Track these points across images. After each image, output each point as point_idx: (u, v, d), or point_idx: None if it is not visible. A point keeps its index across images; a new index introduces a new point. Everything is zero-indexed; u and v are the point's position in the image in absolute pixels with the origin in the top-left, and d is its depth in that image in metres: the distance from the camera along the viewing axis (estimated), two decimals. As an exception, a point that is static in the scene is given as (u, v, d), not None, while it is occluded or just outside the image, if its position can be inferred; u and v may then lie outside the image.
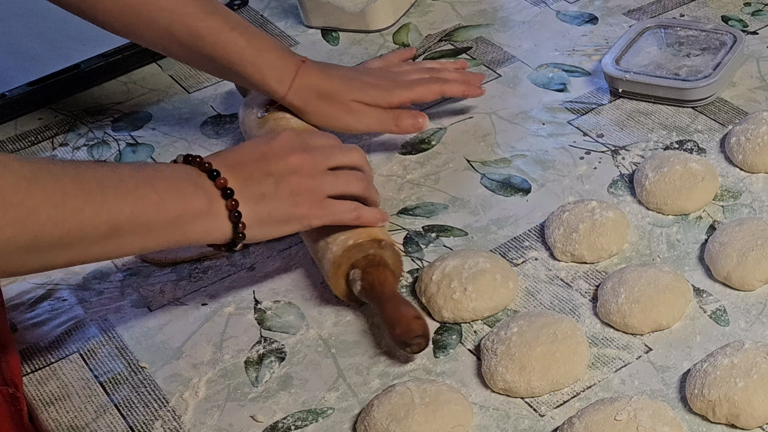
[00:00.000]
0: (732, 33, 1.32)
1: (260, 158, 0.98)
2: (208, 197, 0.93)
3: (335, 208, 1.00)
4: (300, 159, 0.99)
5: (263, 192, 0.96)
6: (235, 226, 0.95)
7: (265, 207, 0.96)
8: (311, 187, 0.99)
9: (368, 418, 0.92)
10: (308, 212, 0.99)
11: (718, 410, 0.90)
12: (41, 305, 1.09)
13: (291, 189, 0.98)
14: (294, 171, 0.99)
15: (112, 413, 0.98)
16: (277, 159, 0.99)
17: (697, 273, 1.06)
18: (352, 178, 1.03)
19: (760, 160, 1.16)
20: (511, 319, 0.99)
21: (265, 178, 0.97)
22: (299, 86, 1.15)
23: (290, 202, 0.98)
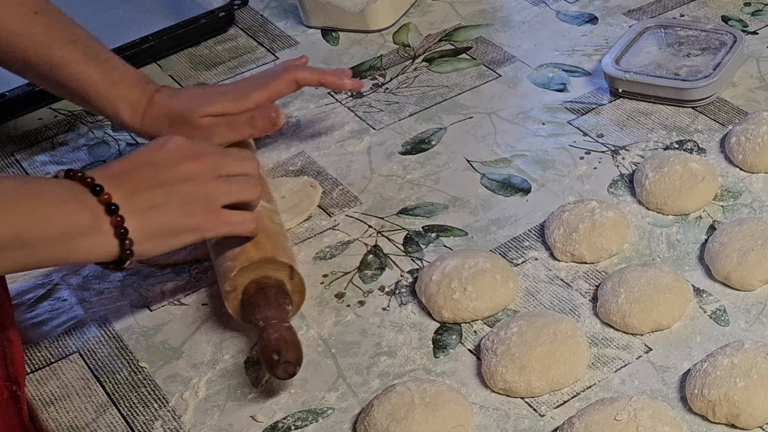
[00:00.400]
0: (732, 33, 1.32)
1: (148, 167, 0.94)
2: (93, 214, 0.89)
3: (230, 218, 0.97)
4: (191, 166, 0.95)
5: (152, 204, 0.92)
6: (121, 243, 0.91)
7: (154, 219, 0.92)
8: (204, 196, 0.95)
9: (368, 418, 0.92)
10: (202, 223, 0.95)
11: (718, 410, 0.90)
12: (41, 305, 1.09)
13: (182, 198, 0.94)
14: (185, 179, 0.94)
15: (112, 413, 0.98)
16: (167, 167, 0.94)
17: (697, 273, 1.06)
18: (246, 185, 0.98)
19: (760, 160, 1.16)
20: (511, 319, 0.99)
21: (153, 189, 0.93)
22: (151, 116, 1.12)
23: (182, 212, 0.94)
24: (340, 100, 1.34)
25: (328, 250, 1.13)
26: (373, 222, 1.16)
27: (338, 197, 1.19)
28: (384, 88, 1.36)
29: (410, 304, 1.06)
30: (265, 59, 1.43)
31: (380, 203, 1.18)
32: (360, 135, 1.28)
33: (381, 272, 1.10)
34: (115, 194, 0.90)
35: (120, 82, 1.12)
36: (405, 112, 1.32)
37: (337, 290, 1.08)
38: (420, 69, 1.39)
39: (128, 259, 0.92)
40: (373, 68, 1.40)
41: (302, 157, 1.26)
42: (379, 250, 1.12)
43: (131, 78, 1.14)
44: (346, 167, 1.24)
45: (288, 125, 1.31)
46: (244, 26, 1.51)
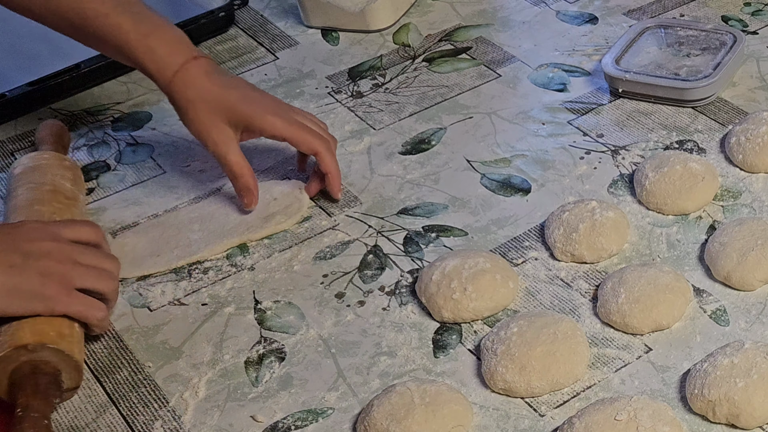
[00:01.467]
0: (732, 33, 1.32)
1: (7, 236, 0.97)
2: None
3: (83, 301, 0.98)
4: (50, 245, 0.98)
5: (12, 263, 0.94)
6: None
7: (13, 278, 0.94)
8: (61, 273, 0.97)
9: (368, 418, 0.92)
10: (56, 296, 0.96)
11: (718, 410, 0.90)
12: None
13: (40, 269, 0.96)
14: (44, 255, 0.97)
15: (112, 413, 0.98)
16: (27, 241, 0.97)
17: (697, 273, 1.06)
18: (104, 276, 1.00)
19: (760, 160, 1.16)
20: (511, 319, 0.99)
21: (13, 252, 0.95)
22: (182, 82, 1.11)
23: (39, 281, 0.95)
24: (340, 101, 1.34)
25: (328, 250, 1.13)
26: (373, 222, 1.16)
27: (338, 197, 1.20)
28: (384, 88, 1.36)
29: (410, 304, 1.06)
30: (265, 59, 1.43)
31: (380, 203, 1.18)
32: (360, 135, 1.28)
33: (381, 272, 1.10)
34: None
35: (151, 35, 1.11)
36: (405, 112, 1.32)
37: (337, 290, 1.08)
38: (420, 69, 1.39)
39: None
40: (373, 68, 1.40)
41: (302, 157, 1.26)
42: (379, 250, 1.12)
43: (166, 33, 1.12)
44: (346, 167, 1.24)
45: (288, 125, 1.31)
46: (244, 26, 1.51)
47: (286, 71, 1.41)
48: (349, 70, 1.40)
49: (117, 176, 1.25)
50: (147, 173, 1.25)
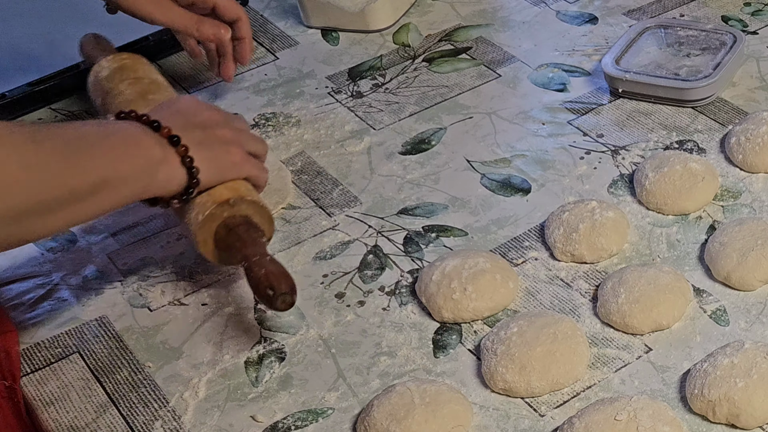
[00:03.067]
0: (732, 33, 1.32)
1: (182, 112, 1.00)
2: (161, 146, 0.95)
3: (258, 165, 1.04)
4: (214, 115, 1.03)
5: (200, 140, 0.98)
6: (189, 171, 0.96)
7: (206, 152, 0.98)
8: (237, 140, 1.03)
9: (368, 418, 0.92)
10: (240, 161, 1.02)
11: (718, 410, 0.90)
12: (41, 305, 1.09)
13: (221, 139, 1.01)
14: (216, 124, 1.02)
15: (112, 413, 0.98)
16: (196, 113, 1.01)
17: (697, 273, 1.06)
18: (258, 139, 1.08)
19: (760, 160, 1.16)
20: (511, 319, 0.99)
21: (196, 129, 0.99)
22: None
23: (224, 150, 1.01)
24: (340, 101, 1.34)
25: (328, 250, 1.13)
26: (373, 222, 1.16)
27: (338, 197, 1.19)
28: (384, 88, 1.36)
29: (410, 304, 1.06)
30: (265, 59, 1.43)
31: (380, 203, 1.18)
32: (360, 135, 1.28)
33: (381, 272, 1.10)
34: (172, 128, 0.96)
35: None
36: (405, 112, 1.32)
37: (337, 290, 1.08)
38: (420, 69, 1.39)
39: (195, 189, 0.97)
40: (373, 68, 1.40)
41: (302, 157, 1.26)
42: (379, 250, 1.12)
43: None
44: (346, 167, 1.24)
45: (288, 125, 1.31)
46: (244, 26, 1.51)
47: (286, 71, 1.41)
48: (349, 70, 1.40)
49: (117, 176, 1.25)
50: (147, 173, 1.25)
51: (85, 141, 0.89)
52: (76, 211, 0.88)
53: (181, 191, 0.97)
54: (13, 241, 0.86)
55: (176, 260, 1.13)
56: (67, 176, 0.85)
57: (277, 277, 0.94)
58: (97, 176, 0.88)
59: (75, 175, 0.86)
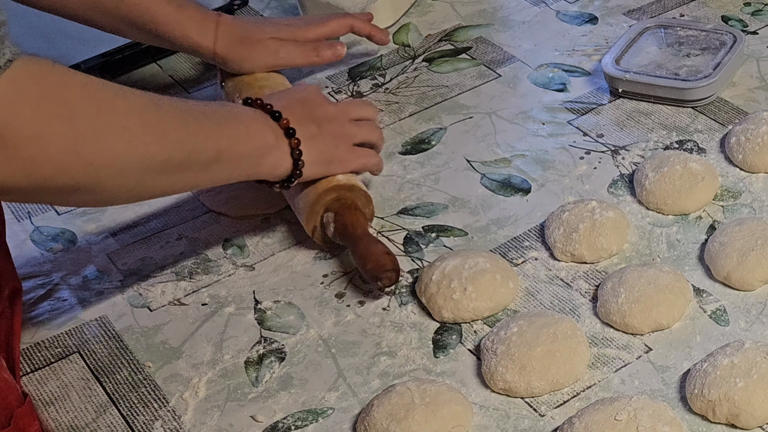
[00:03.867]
0: (732, 33, 1.32)
1: (302, 105, 1.07)
2: (276, 135, 1.02)
3: (365, 154, 1.11)
4: (331, 108, 1.09)
5: (313, 134, 1.05)
6: (295, 163, 1.03)
7: (316, 147, 1.05)
8: (345, 134, 1.09)
9: (368, 418, 0.92)
10: (346, 156, 1.09)
11: (718, 410, 0.90)
12: (41, 305, 1.09)
13: (331, 133, 1.07)
14: (331, 119, 1.08)
15: (112, 413, 0.98)
16: (317, 106, 1.08)
17: (697, 273, 1.06)
18: (372, 128, 1.13)
19: (760, 160, 1.16)
20: (511, 319, 0.99)
21: (311, 122, 1.06)
22: (222, 36, 1.21)
23: (333, 144, 1.07)
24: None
25: (328, 249, 1.13)
26: (374, 222, 1.16)
27: (338, 197, 1.20)
28: (384, 88, 1.36)
29: (410, 304, 1.06)
30: (265, 59, 1.43)
31: (380, 203, 1.18)
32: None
33: (381, 272, 1.10)
34: (290, 120, 1.03)
35: (185, 5, 1.20)
36: (405, 112, 1.32)
37: (337, 290, 1.08)
38: (420, 69, 1.39)
39: (296, 179, 1.04)
40: (373, 68, 1.40)
41: (302, 157, 1.26)
42: (379, 250, 1.12)
43: (193, 2, 1.21)
44: (346, 167, 1.24)
45: (288, 125, 1.31)
46: (244, 26, 1.51)
47: (286, 71, 1.40)
48: (349, 70, 1.40)
49: (117, 176, 1.25)
50: (147, 173, 1.25)
51: (205, 116, 0.95)
52: (192, 177, 0.94)
53: (284, 179, 1.04)
54: (133, 194, 0.92)
55: (176, 260, 1.13)
56: (184, 142, 0.91)
57: (390, 256, 1.03)
58: (214, 148, 0.94)
59: (193, 143, 0.92)
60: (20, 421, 0.91)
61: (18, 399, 0.92)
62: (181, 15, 1.19)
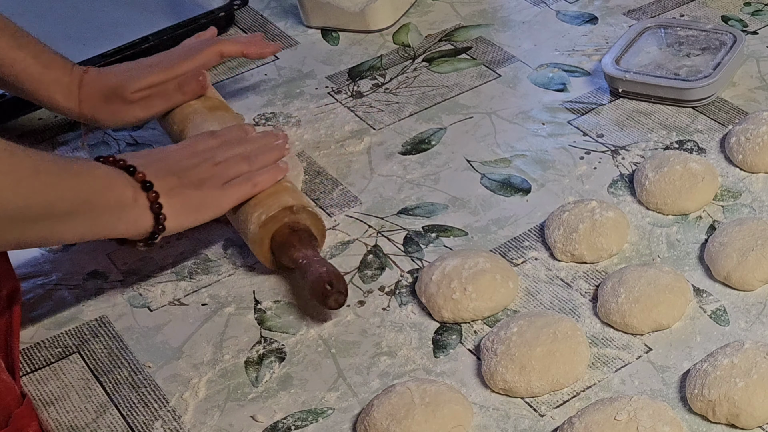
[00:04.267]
0: (732, 33, 1.32)
1: (161, 159, 1.04)
2: (134, 189, 0.99)
3: (233, 190, 1.06)
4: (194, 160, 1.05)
5: (172, 186, 1.02)
6: (156, 217, 1.00)
7: (177, 198, 1.01)
8: (210, 177, 1.05)
9: (368, 418, 0.92)
10: (216, 199, 1.05)
11: (718, 410, 0.90)
12: (41, 305, 1.09)
13: (194, 182, 1.03)
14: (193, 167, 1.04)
15: (112, 413, 0.98)
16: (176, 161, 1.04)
17: (697, 273, 1.06)
18: (240, 162, 1.08)
19: (760, 160, 1.16)
20: (511, 319, 0.99)
21: (170, 175, 1.02)
22: (86, 97, 1.17)
23: (197, 193, 1.03)
24: (340, 101, 1.34)
25: (328, 250, 1.13)
26: (373, 222, 1.16)
27: (338, 197, 1.20)
28: (384, 88, 1.36)
29: (410, 304, 1.06)
30: (265, 59, 1.43)
31: (380, 203, 1.18)
32: (360, 135, 1.28)
33: (381, 272, 1.10)
34: (146, 174, 1.00)
35: (51, 65, 1.16)
36: (405, 112, 1.32)
37: (337, 290, 1.08)
38: (420, 69, 1.39)
39: (160, 234, 1.01)
40: (373, 68, 1.40)
41: (302, 157, 1.26)
42: (379, 250, 1.12)
43: (60, 61, 1.18)
44: (346, 167, 1.24)
45: (288, 125, 1.31)
46: (244, 26, 1.51)
47: (286, 71, 1.41)
48: (349, 70, 1.40)
49: (117, 176, 1.25)
50: (147, 173, 1.25)
51: (62, 168, 0.92)
52: (50, 229, 0.91)
53: (147, 235, 1.00)
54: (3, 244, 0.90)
55: (176, 260, 1.13)
56: (41, 192, 0.89)
57: (337, 276, 1.01)
58: (72, 199, 0.92)
59: (50, 193, 0.90)
60: (19, 421, 0.91)
61: (16, 399, 0.92)
62: (46, 76, 1.15)
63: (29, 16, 1.46)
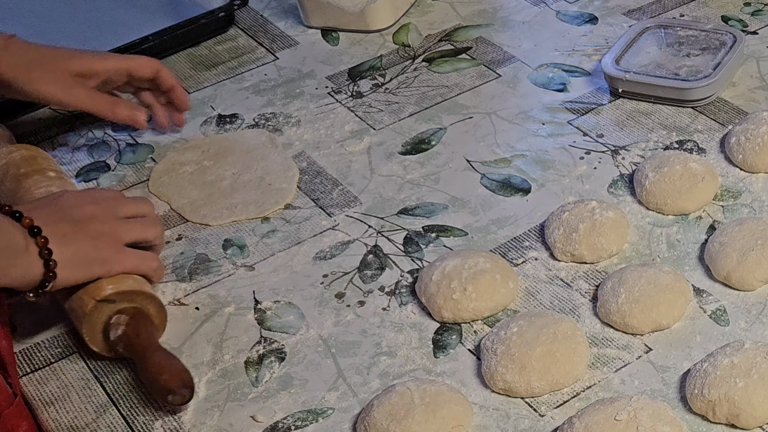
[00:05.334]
0: (732, 33, 1.32)
1: (56, 205, 1.00)
2: (24, 236, 0.94)
3: (135, 255, 1.02)
4: (93, 208, 1.01)
5: (65, 233, 0.97)
6: (46, 264, 0.95)
7: (69, 247, 0.97)
8: (109, 232, 1.00)
9: (368, 418, 0.92)
10: (110, 257, 1.00)
11: (718, 410, 0.90)
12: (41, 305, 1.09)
13: (90, 234, 0.99)
14: (90, 218, 1.00)
15: (112, 413, 0.98)
16: (73, 207, 1.00)
17: (697, 273, 1.06)
18: (147, 225, 1.05)
19: (760, 160, 1.16)
20: (511, 319, 0.99)
21: (65, 222, 0.98)
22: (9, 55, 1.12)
23: (92, 245, 0.99)
24: (340, 101, 1.34)
25: (328, 250, 1.13)
26: (373, 222, 1.16)
27: (338, 197, 1.20)
28: (384, 88, 1.36)
29: (410, 304, 1.06)
30: (265, 59, 1.43)
31: (380, 203, 1.18)
32: (360, 135, 1.28)
33: (381, 272, 1.10)
34: (34, 219, 0.95)
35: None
36: (405, 112, 1.32)
37: (337, 290, 1.08)
38: (420, 69, 1.39)
39: (50, 282, 0.95)
40: (373, 68, 1.40)
41: (302, 157, 1.26)
42: (379, 250, 1.12)
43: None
44: (346, 167, 1.24)
45: (288, 125, 1.31)
46: (244, 26, 1.51)
47: (286, 71, 1.41)
48: (349, 70, 1.40)
49: (117, 176, 1.25)
50: (147, 173, 1.25)
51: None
52: None
53: (37, 284, 0.96)
54: None
55: (176, 260, 1.13)
56: None
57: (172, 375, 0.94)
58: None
59: None
60: (8, 422, 0.91)
61: (7, 399, 0.92)
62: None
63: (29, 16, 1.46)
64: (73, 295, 1.00)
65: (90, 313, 0.98)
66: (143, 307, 1.01)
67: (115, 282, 1.00)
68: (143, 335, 0.98)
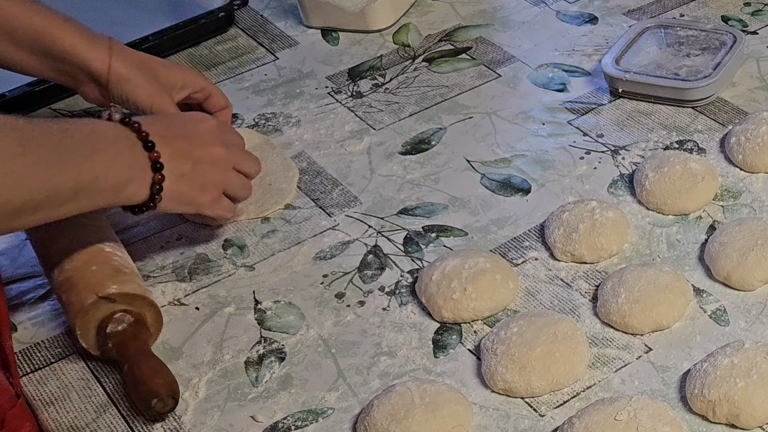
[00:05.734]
0: (732, 33, 1.32)
1: (186, 139, 1.02)
2: (142, 168, 0.97)
3: (223, 205, 1.07)
4: (219, 152, 1.05)
5: (182, 172, 1.01)
6: (152, 196, 0.99)
7: (180, 186, 1.01)
8: (218, 182, 1.05)
9: (368, 418, 0.92)
10: (206, 202, 1.05)
11: (718, 410, 0.90)
12: (41, 305, 1.09)
13: (204, 177, 1.03)
14: (211, 162, 1.04)
15: (112, 413, 0.98)
16: (202, 145, 1.03)
17: (697, 273, 1.06)
18: (246, 186, 1.10)
19: (760, 160, 1.16)
20: (511, 319, 0.99)
21: (186, 160, 1.01)
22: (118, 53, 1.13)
23: (199, 189, 1.03)
24: (340, 101, 1.34)
25: (328, 250, 1.13)
26: (373, 222, 1.16)
27: (338, 197, 1.20)
28: (384, 88, 1.36)
29: (410, 304, 1.06)
30: (265, 59, 1.43)
31: (380, 203, 1.18)
32: (360, 135, 1.28)
33: (381, 272, 1.10)
34: (161, 154, 0.98)
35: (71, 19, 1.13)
36: (405, 112, 1.32)
37: (337, 290, 1.08)
38: (420, 69, 1.39)
39: (148, 210, 1.00)
40: (373, 68, 1.40)
41: (302, 157, 1.26)
42: (379, 250, 1.12)
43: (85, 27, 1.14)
44: (346, 167, 1.24)
45: (288, 125, 1.31)
46: (244, 26, 1.51)
47: (286, 71, 1.41)
48: (349, 70, 1.40)
49: (117, 176, 1.25)
50: (147, 173, 1.25)
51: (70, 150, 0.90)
52: (45, 216, 0.90)
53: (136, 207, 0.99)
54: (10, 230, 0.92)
55: (176, 260, 1.13)
56: (43, 185, 0.88)
57: (164, 381, 0.94)
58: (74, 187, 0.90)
59: (52, 185, 0.88)
60: (12, 423, 0.91)
61: (10, 400, 0.92)
62: (69, 24, 1.10)
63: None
64: (73, 289, 1.00)
65: (88, 308, 0.98)
66: (141, 313, 1.00)
67: (120, 283, 1.00)
68: (140, 337, 0.98)
